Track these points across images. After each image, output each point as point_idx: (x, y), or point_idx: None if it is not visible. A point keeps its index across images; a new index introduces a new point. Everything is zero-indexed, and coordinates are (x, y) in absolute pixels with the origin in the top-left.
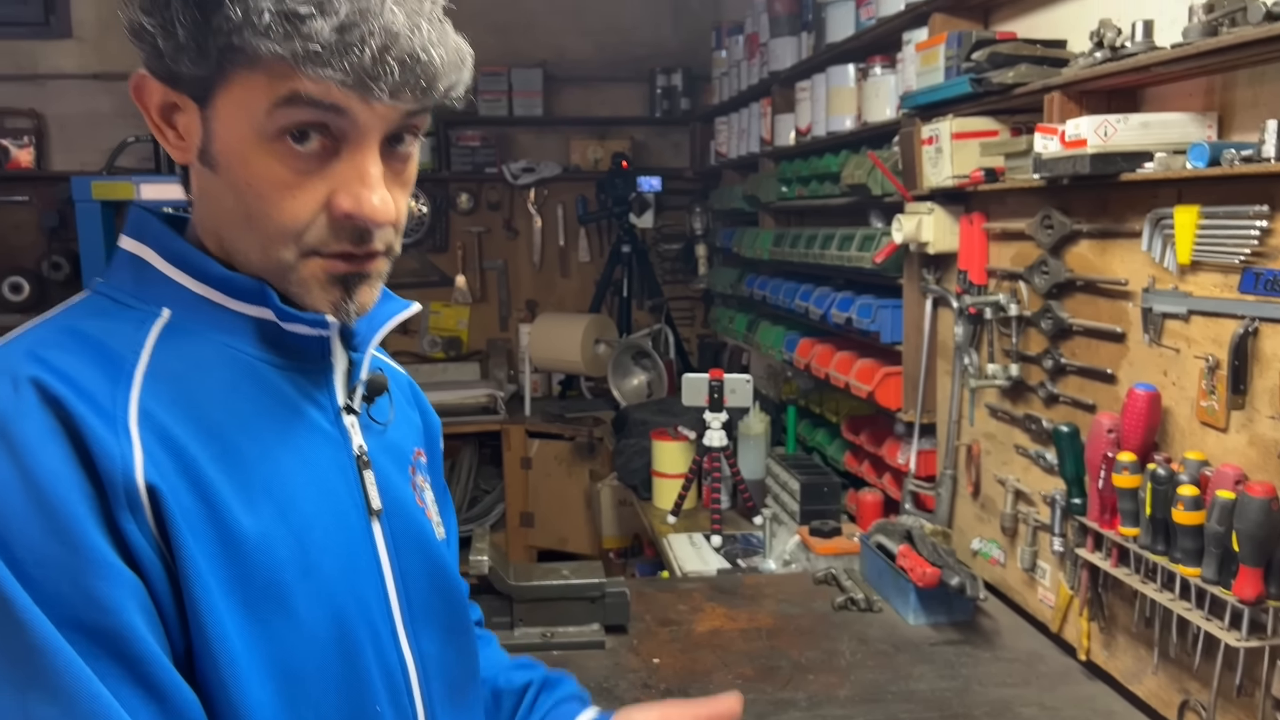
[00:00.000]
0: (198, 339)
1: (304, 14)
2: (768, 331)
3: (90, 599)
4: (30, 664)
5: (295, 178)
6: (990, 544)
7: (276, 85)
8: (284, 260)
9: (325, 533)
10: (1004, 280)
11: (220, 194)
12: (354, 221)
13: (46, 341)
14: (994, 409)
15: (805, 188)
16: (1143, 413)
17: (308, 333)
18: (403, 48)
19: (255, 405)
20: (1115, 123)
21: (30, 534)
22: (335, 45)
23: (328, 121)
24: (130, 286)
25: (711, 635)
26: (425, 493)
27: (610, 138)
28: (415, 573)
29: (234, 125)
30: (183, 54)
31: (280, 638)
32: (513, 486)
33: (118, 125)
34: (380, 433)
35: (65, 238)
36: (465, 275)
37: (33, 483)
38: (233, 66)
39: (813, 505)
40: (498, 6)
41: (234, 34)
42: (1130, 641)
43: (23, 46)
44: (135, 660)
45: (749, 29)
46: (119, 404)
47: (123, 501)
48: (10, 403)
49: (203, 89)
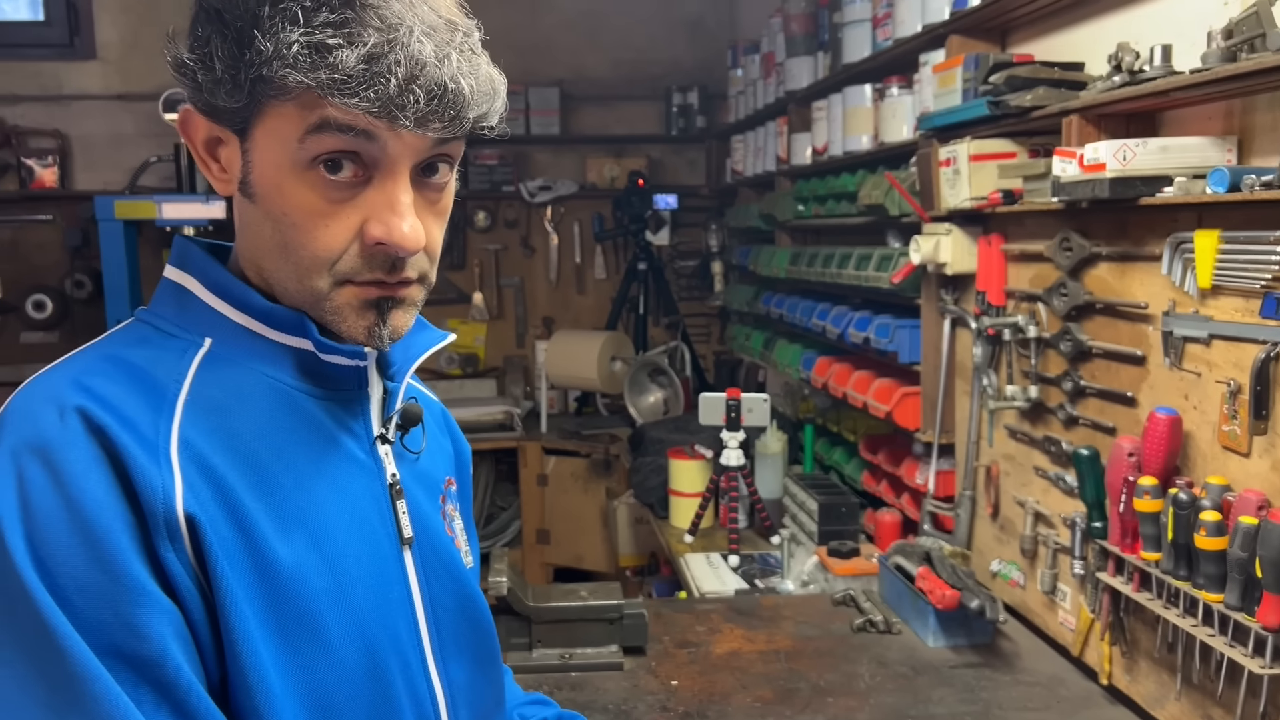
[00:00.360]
0: (238, 368)
1: (331, 45)
2: (785, 349)
3: (130, 627)
4: (70, 690)
5: (328, 206)
6: (1010, 566)
7: (307, 114)
8: (318, 289)
9: (358, 562)
10: (1023, 302)
11: (259, 224)
12: (385, 249)
13: (91, 370)
14: (1013, 430)
15: (822, 206)
16: (1164, 436)
17: (345, 363)
18: (430, 77)
19: (292, 435)
20: (1134, 147)
21: (74, 562)
22: (361, 75)
23: (358, 149)
24: (174, 315)
25: (730, 657)
26: (455, 521)
27: (626, 156)
28: (445, 602)
29: (269, 155)
30: (219, 87)
31: (313, 666)
32: (529, 504)
33: (140, 145)
34: (413, 461)
35: (88, 256)
36: (482, 292)
37: (77, 511)
38: (265, 97)
39: (831, 525)
40: (516, 26)
41: (264, 66)
42: (1153, 666)
43: (48, 68)
44: (171, 688)
45: (765, 48)
46: (161, 433)
47: (163, 531)
48: (56, 431)
49: (241, 121)
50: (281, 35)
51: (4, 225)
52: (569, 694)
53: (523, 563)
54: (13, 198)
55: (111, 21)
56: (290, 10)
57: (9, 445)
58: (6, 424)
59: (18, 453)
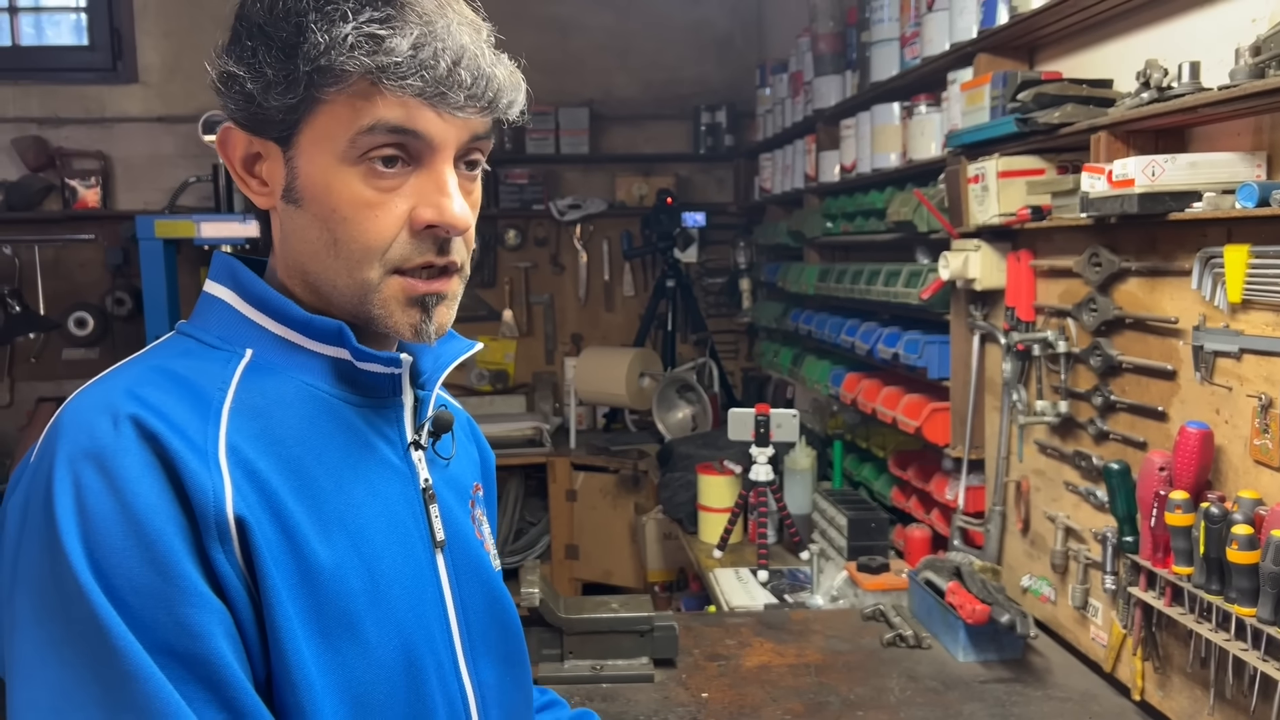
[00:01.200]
0: (279, 376)
1: (382, 34)
2: (813, 366)
3: (181, 626)
4: (123, 689)
5: (378, 196)
6: (1040, 581)
7: (358, 112)
8: (369, 280)
9: (394, 563)
10: (1052, 317)
11: (305, 228)
12: (435, 231)
13: (142, 379)
14: (1043, 445)
15: (850, 223)
16: (1195, 451)
17: (380, 371)
18: (471, 62)
19: (331, 440)
20: (1163, 163)
21: (129, 564)
22: (412, 60)
23: (405, 143)
24: (215, 328)
25: (760, 670)
26: (483, 525)
27: (655, 174)
28: (475, 603)
29: (317, 157)
30: (272, 89)
31: (352, 665)
32: (558, 519)
33: (179, 166)
34: (444, 467)
35: (129, 274)
36: (512, 310)
37: (131, 515)
38: (319, 91)
39: (860, 541)
40: (547, 47)
41: (321, 57)
42: (1185, 682)
43: (91, 91)
44: (221, 685)
45: (793, 67)
46: (209, 439)
47: (213, 533)
48: (110, 438)
49: (287, 129)
50: (334, 30)
51: (48, 245)
52: (600, 705)
53: (552, 578)
54: (57, 218)
55: (153, 46)
56: (338, 9)
57: (66, 453)
58: (62, 432)
59: (74, 459)
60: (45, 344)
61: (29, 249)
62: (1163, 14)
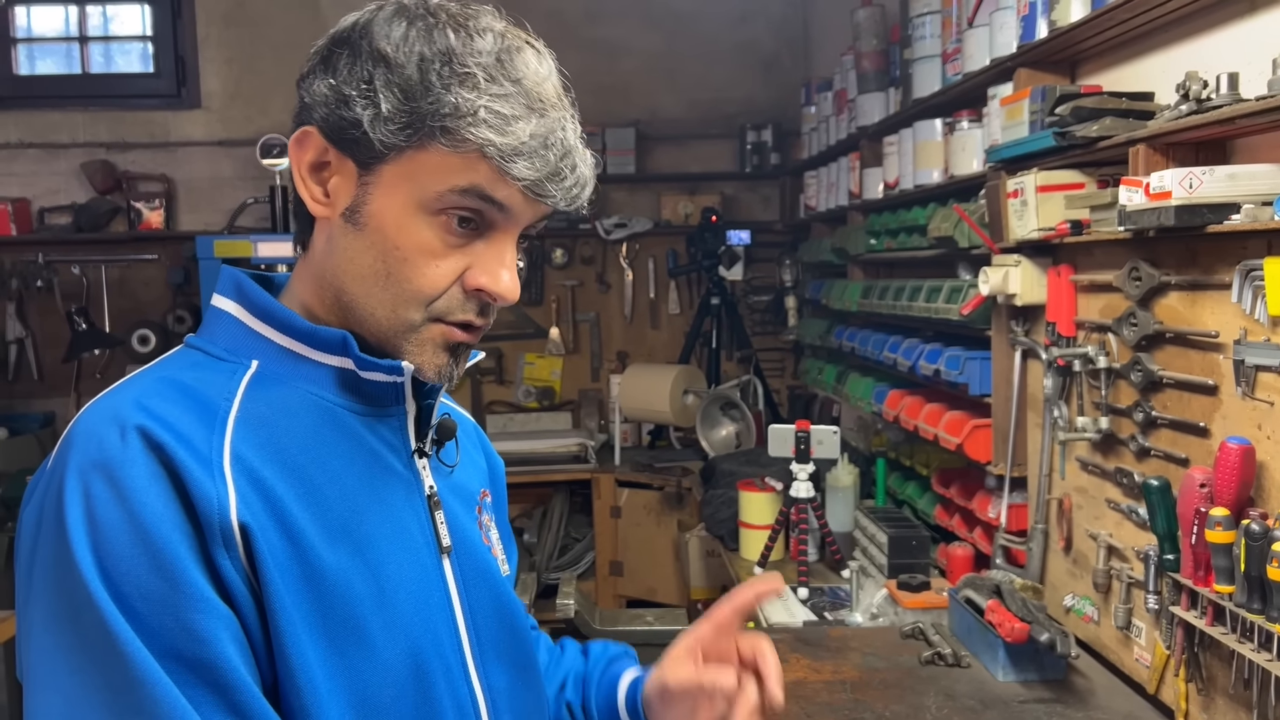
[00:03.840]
0: (284, 386)
1: (510, 115)
2: (857, 383)
3: (189, 632)
4: (131, 694)
5: (443, 249)
6: (1083, 601)
7: (457, 174)
8: (410, 320)
9: (400, 569)
10: (1093, 332)
11: (360, 252)
12: (483, 296)
13: (149, 391)
14: (1085, 462)
15: (893, 240)
16: (1236, 467)
17: (383, 380)
18: (574, 159)
19: (335, 448)
20: (1201, 175)
21: (136, 571)
22: (530, 147)
23: (485, 210)
24: (222, 340)
25: (795, 686)
26: (491, 531)
27: (700, 193)
28: (483, 608)
29: (397, 194)
30: (383, 122)
31: (359, 669)
32: (602, 535)
33: (238, 188)
34: (448, 474)
35: (189, 293)
36: (559, 327)
37: (139, 524)
38: (429, 142)
39: (900, 559)
40: (595, 69)
41: (448, 118)
42: (1229, 704)
43: (156, 117)
44: (228, 689)
45: (838, 85)
46: (214, 448)
47: (219, 540)
48: (118, 449)
49: (375, 156)
50: (463, 95)
51: (114, 264)
52: None
53: (596, 594)
54: (123, 238)
55: (215, 73)
56: (470, 74)
57: (76, 463)
58: (73, 444)
59: (84, 470)
60: (110, 360)
61: (96, 269)
62: (1203, 26)
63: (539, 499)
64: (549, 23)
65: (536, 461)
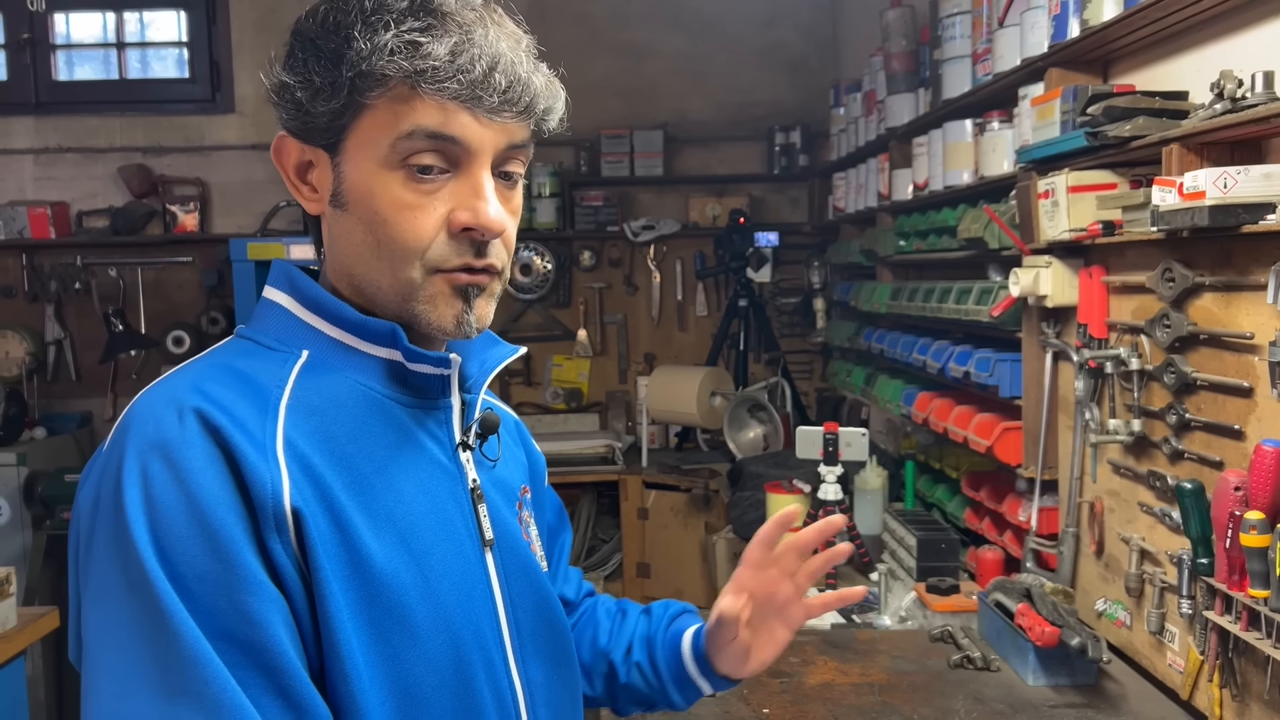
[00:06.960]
0: (333, 376)
1: (421, 40)
2: (886, 385)
3: (241, 613)
4: (182, 673)
5: (417, 199)
6: (1115, 605)
7: (399, 119)
8: (412, 279)
9: (443, 560)
10: (1125, 334)
11: (351, 231)
12: (471, 234)
13: (206, 375)
14: (1117, 465)
15: (923, 241)
16: (1271, 470)
17: (430, 372)
18: (506, 68)
19: (382, 439)
20: (1235, 174)
21: (192, 552)
22: (449, 64)
23: (443, 149)
24: (273, 331)
25: (822, 688)
26: (530, 527)
27: (728, 195)
28: (524, 602)
29: (361, 162)
30: (319, 96)
31: (402, 658)
32: (630, 537)
33: (270, 191)
34: (491, 469)
35: (222, 294)
36: (586, 329)
37: (195, 505)
38: (362, 94)
39: (929, 562)
40: (622, 72)
41: (363, 62)
42: (1264, 710)
43: (192, 121)
44: (277, 672)
45: (866, 86)
46: (268, 433)
47: (271, 523)
48: (176, 431)
49: (333, 135)
50: (376, 38)
51: (149, 267)
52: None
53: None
54: (158, 241)
55: (249, 78)
56: (381, 20)
57: (135, 444)
58: (131, 425)
59: (142, 451)
60: (145, 361)
61: (132, 271)
62: (1237, 24)
63: (566, 500)
64: (576, 27)
65: (564, 463)
